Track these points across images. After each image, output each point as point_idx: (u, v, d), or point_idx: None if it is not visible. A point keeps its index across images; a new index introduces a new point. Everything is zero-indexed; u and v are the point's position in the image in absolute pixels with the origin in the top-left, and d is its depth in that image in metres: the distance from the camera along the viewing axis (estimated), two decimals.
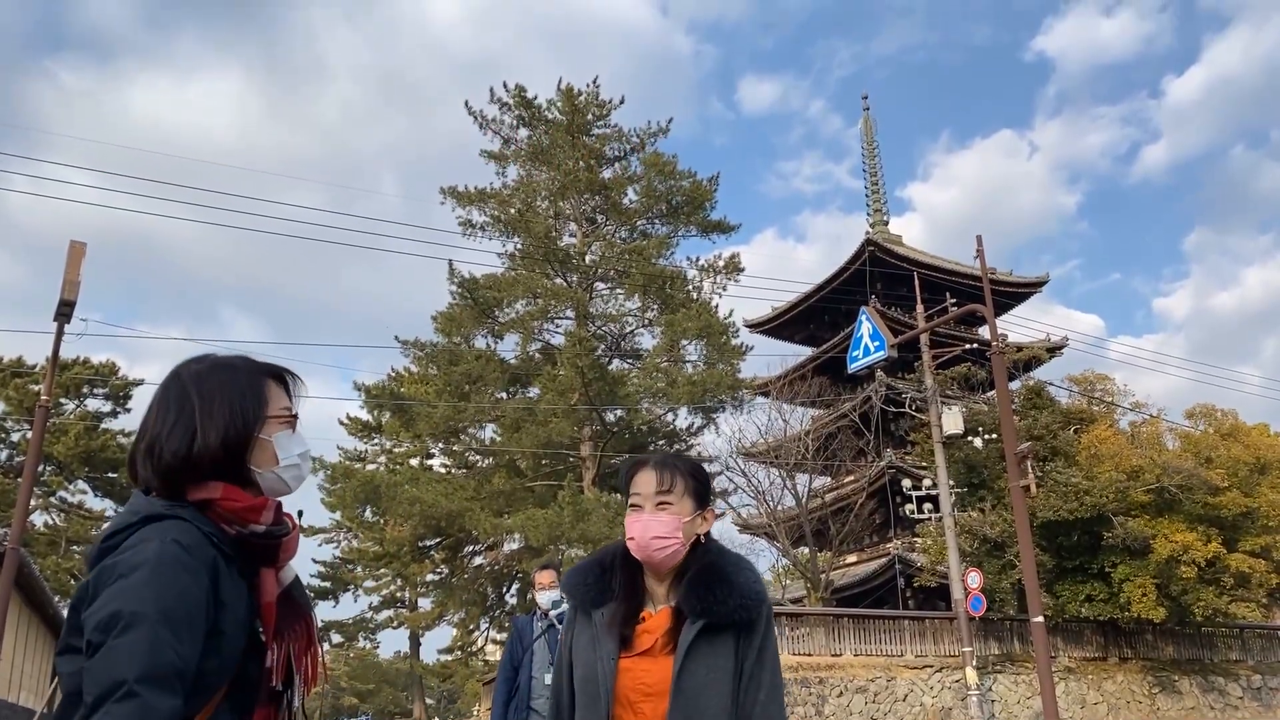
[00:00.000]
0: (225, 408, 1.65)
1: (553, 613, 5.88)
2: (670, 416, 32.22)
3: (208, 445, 1.62)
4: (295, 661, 1.68)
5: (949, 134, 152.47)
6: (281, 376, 1.78)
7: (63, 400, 32.62)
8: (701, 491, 2.23)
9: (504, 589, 35.10)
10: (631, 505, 2.19)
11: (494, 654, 39.49)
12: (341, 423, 44.21)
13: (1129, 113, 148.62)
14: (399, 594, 42.63)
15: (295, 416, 1.76)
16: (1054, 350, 38.67)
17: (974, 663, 22.53)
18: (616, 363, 32.59)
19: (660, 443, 32.65)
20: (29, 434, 26.76)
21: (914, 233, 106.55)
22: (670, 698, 2.01)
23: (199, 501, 1.60)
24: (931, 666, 24.48)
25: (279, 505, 1.69)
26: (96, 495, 35.46)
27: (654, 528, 2.14)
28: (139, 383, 36.72)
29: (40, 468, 30.45)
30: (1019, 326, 46.59)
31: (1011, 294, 41.06)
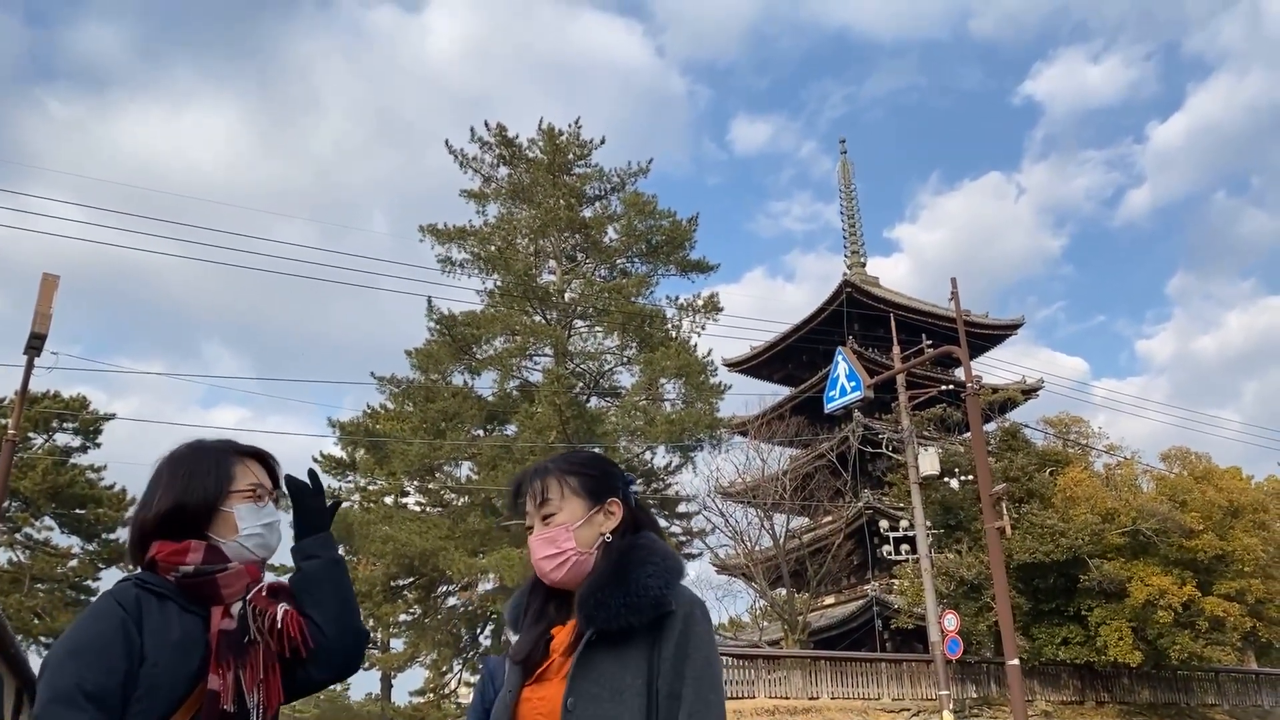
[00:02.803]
0: (181, 482, 1.92)
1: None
2: (648, 455, 32.12)
3: (153, 513, 1.90)
4: (246, 688, 1.83)
5: (938, 176, 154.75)
6: (259, 456, 2.03)
7: (31, 435, 32.11)
8: (593, 485, 1.90)
9: (478, 630, 34.61)
10: (527, 528, 1.93)
11: (467, 696, 38.85)
12: (315, 460, 43.75)
13: (1114, 157, 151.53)
14: (371, 635, 42.07)
15: (269, 491, 2.00)
16: (1029, 392, 38.96)
17: (951, 706, 22.37)
18: (595, 401, 32.51)
19: (638, 481, 32.49)
20: None
21: (900, 273, 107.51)
22: None
23: (149, 561, 1.89)
24: (909, 710, 24.30)
25: (206, 548, 1.89)
26: (63, 532, 34.77)
27: (540, 547, 1.86)
28: (110, 417, 36.25)
29: (5, 503, 29.88)
30: (996, 368, 46.96)
31: (988, 336, 41.44)
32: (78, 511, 33.61)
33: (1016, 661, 17.75)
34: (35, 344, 14.00)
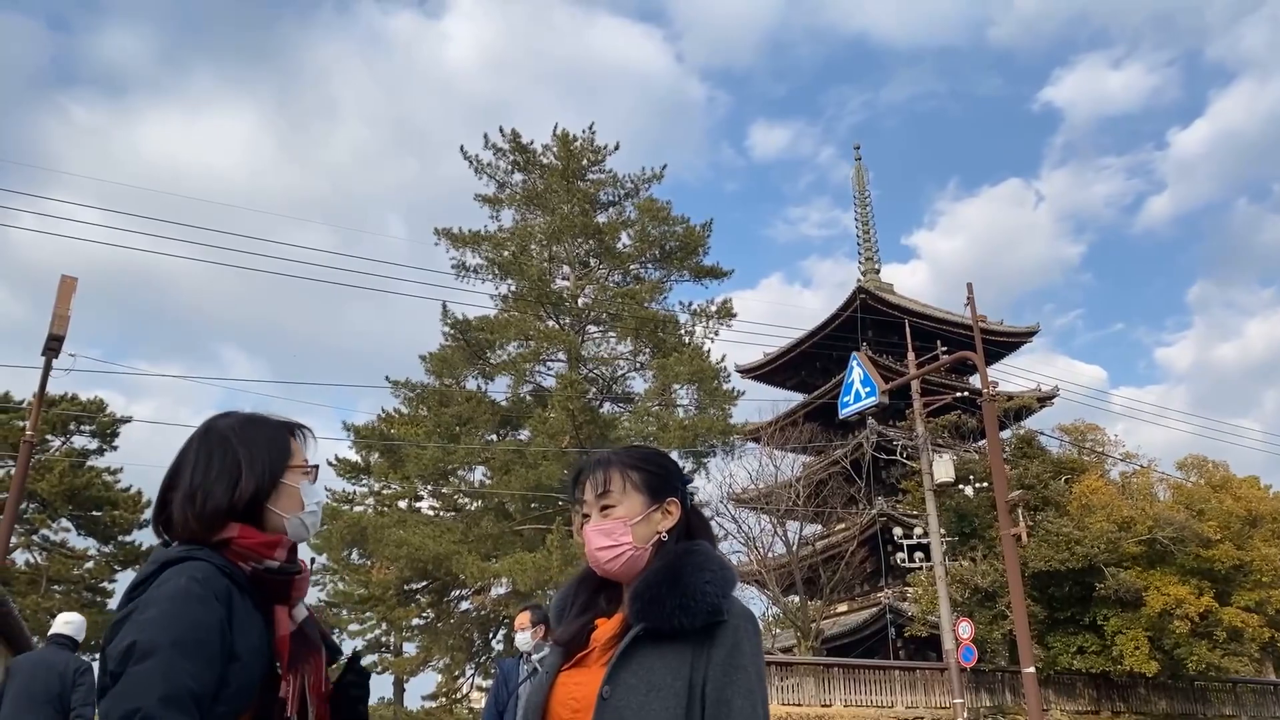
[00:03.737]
0: (263, 457, 1.83)
1: (535, 656, 5.77)
2: None
3: (244, 492, 1.78)
4: (311, 694, 1.76)
5: (956, 182, 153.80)
6: (299, 431, 1.95)
7: (49, 437, 32.34)
8: (655, 483, 1.91)
9: (490, 634, 34.62)
10: (582, 515, 1.94)
11: (479, 701, 38.85)
12: (330, 464, 43.89)
13: (1134, 164, 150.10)
14: (384, 638, 42.03)
15: (316, 468, 1.94)
16: (1045, 400, 38.74)
17: (965, 714, 22.25)
18: (608, 406, 32.53)
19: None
20: (13, 470, 26.52)
21: (918, 280, 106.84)
22: (593, 713, 1.71)
23: (217, 542, 1.74)
24: (923, 718, 24.16)
25: (293, 545, 1.83)
26: (80, 534, 34.97)
27: (596, 538, 1.87)
28: (126, 420, 36.48)
29: (23, 505, 30.10)
30: (1011, 376, 46.81)
31: (1003, 343, 41.27)
32: (94, 513, 33.81)
33: (1033, 670, 17.62)
34: (53, 346, 14.11)
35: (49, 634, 7.33)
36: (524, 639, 5.80)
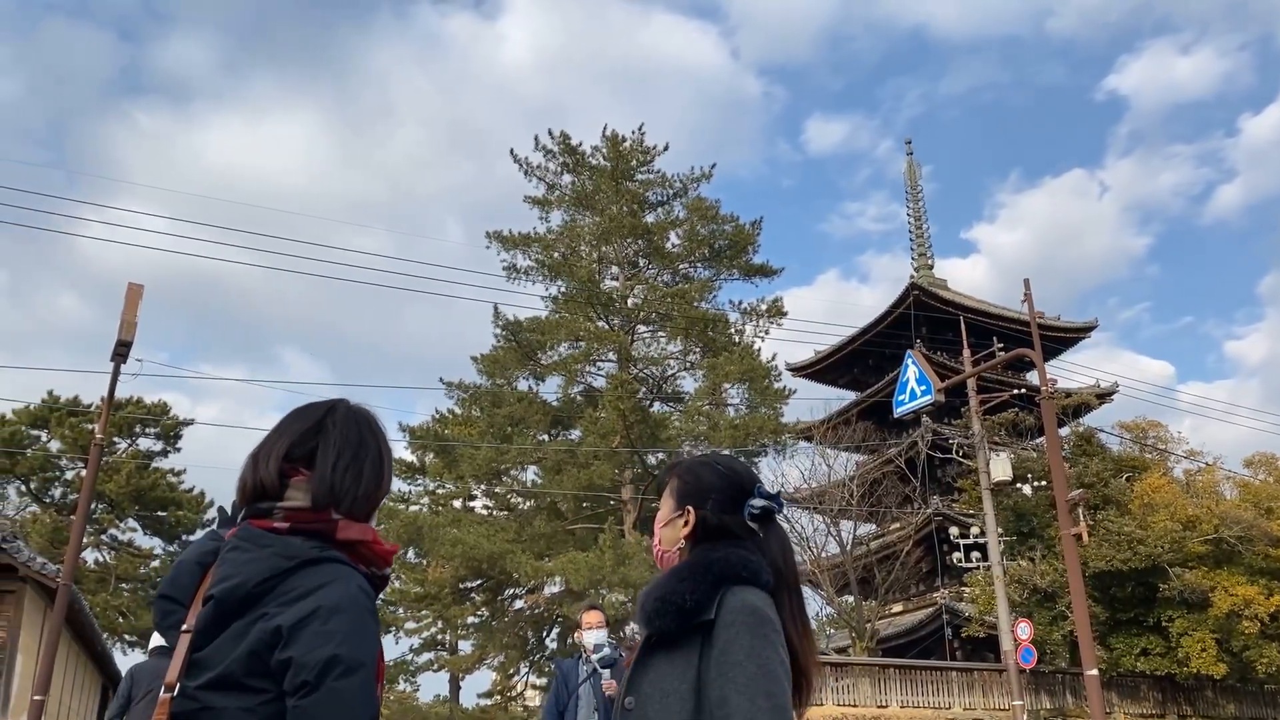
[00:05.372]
0: (390, 458, 1.83)
1: (594, 656, 5.78)
2: None
3: (382, 493, 1.77)
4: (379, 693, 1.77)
5: (1017, 174, 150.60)
6: None
7: (115, 439, 33.29)
8: (684, 490, 1.96)
9: (544, 633, 34.86)
10: None
11: (533, 699, 39.12)
12: None
13: (1204, 152, 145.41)
14: (440, 636, 42.52)
15: None
16: (1104, 396, 37.94)
17: (1025, 717, 21.87)
18: (658, 406, 32.56)
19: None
20: (83, 472, 27.33)
21: (977, 274, 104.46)
22: None
23: (345, 542, 1.67)
24: None
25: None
26: (145, 533, 35.99)
27: (654, 538, 2.00)
28: (189, 423, 37.41)
29: (93, 506, 31.03)
30: (1069, 372, 45.91)
31: (1060, 339, 40.50)
32: (159, 514, 34.74)
33: (1095, 672, 17.26)
34: (122, 351, 14.53)
35: (152, 646, 7.87)
36: (599, 637, 5.79)
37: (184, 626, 1.68)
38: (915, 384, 20.03)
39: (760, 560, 1.86)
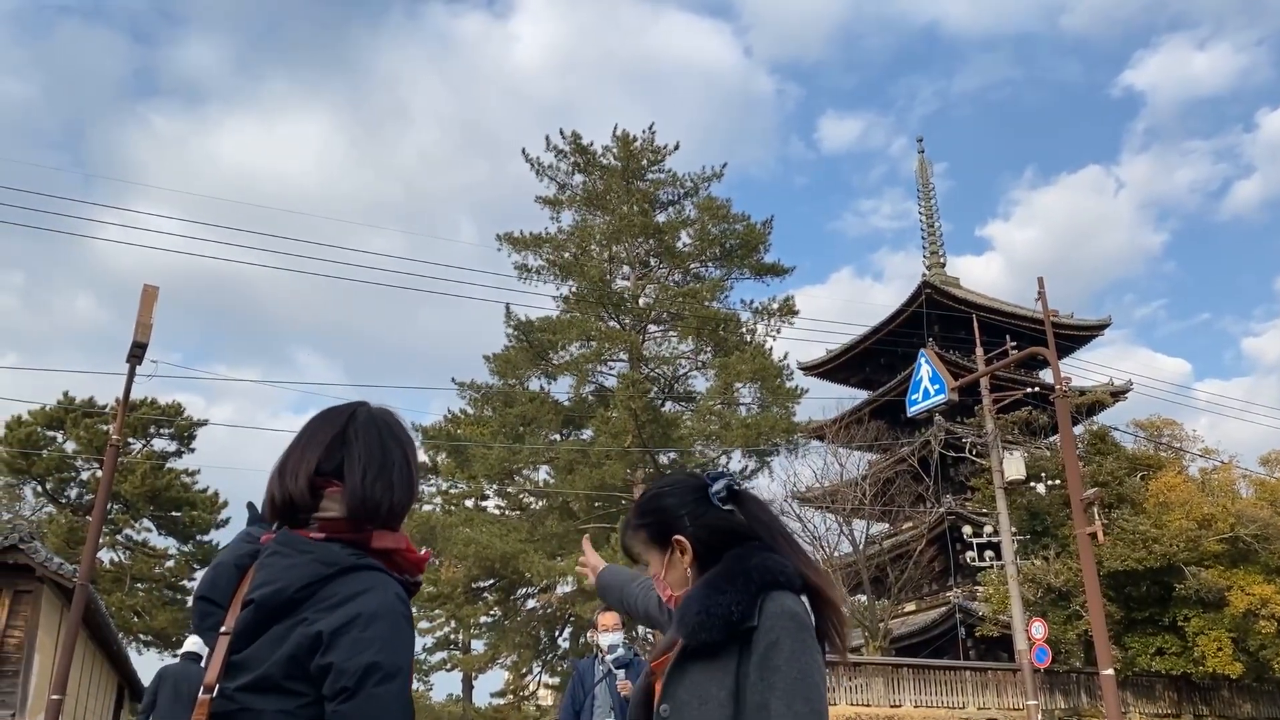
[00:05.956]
0: (417, 467, 1.84)
1: (609, 657, 5.78)
2: (724, 460, 32.03)
3: (413, 497, 1.79)
4: None
5: (1032, 171, 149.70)
6: None
7: (130, 440, 33.48)
8: (656, 532, 1.96)
9: (556, 633, 34.91)
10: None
11: (546, 699, 39.18)
12: None
13: (1221, 147, 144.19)
14: (453, 636, 42.65)
15: None
16: (1118, 394, 37.74)
17: (1040, 716, 21.79)
18: (670, 405, 32.55)
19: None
20: (98, 473, 27.49)
21: (992, 272, 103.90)
22: None
23: (380, 550, 1.70)
24: (995, 719, 23.74)
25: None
26: (160, 534, 36.20)
27: (662, 590, 1.99)
28: (202, 423, 37.60)
29: (108, 506, 31.20)
30: (1083, 370, 45.67)
31: (1074, 337, 40.31)
32: (174, 514, 34.94)
33: (1111, 671, 17.19)
34: (137, 352, 14.63)
35: (183, 651, 8.04)
36: (615, 639, 5.79)
37: (222, 629, 1.70)
38: (929, 383, 19.98)
39: (789, 563, 1.86)
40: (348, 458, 1.76)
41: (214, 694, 1.63)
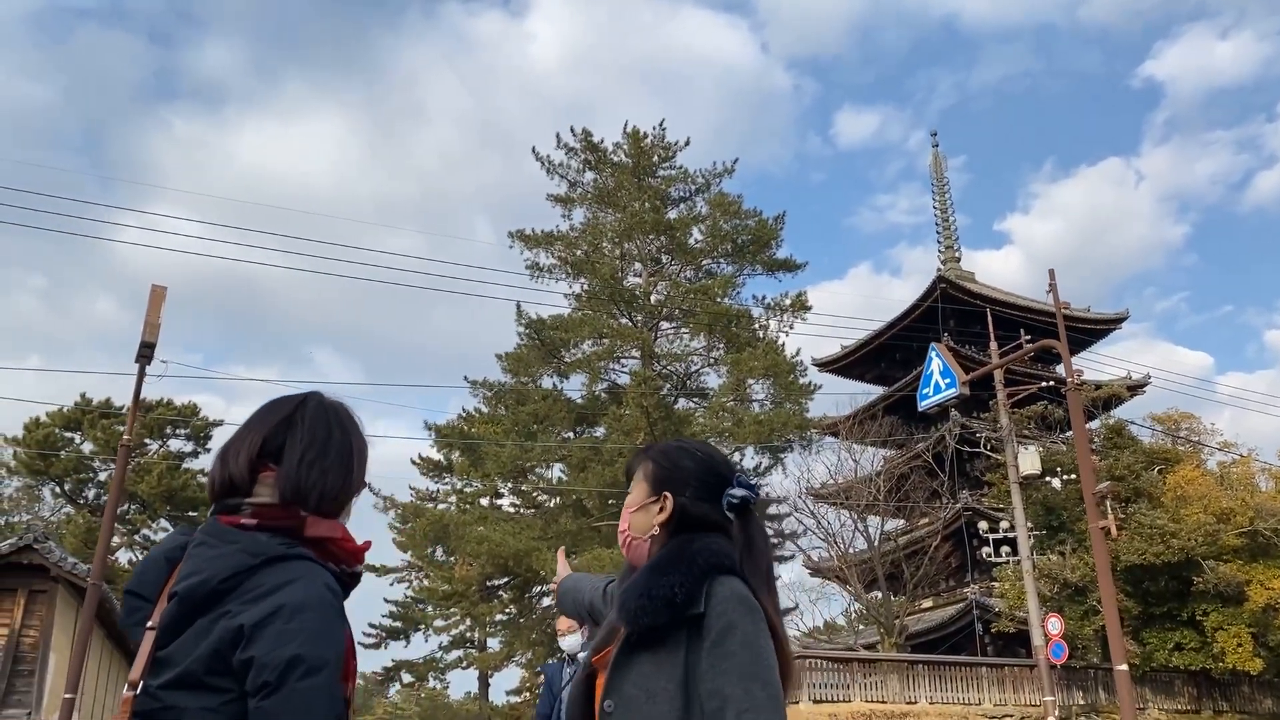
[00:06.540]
0: (363, 455, 1.78)
1: (579, 656, 5.76)
2: (737, 456, 31.93)
3: (352, 489, 1.73)
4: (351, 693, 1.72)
5: (1051, 164, 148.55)
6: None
7: (147, 441, 33.75)
8: (661, 475, 1.90)
9: None
10: None
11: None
12: (414, 462, 44.82)
13: (1243, 138, 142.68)
14: (468, 634, 42.77)
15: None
16: (1135, 388, 37.37)
17: (1057, 713, 21.60)
18: (682, 402, 32.50)
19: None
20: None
21: (1011, 266, 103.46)
22: None
23: (313, 539, 1.64)
24: (1011, 716, 23.59)
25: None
26: None
27: (621, 522, 1.94)
28: (218, 423, 37.82)
29: (125, 506, 31.47)
30: (1101, 364, 45.26)
31: (1090, 330, 39.95)
32: (190, 514, 35.17)
33: (1125, 667, 17.01)
34: (146, 353, 14.69)
35: None
36: (574, 642, 5.77)
37: (149, 624, 1.65)
38: (939, 377, 19.83)
39: (735, 551, 1.81)
40: (289, 441, 1.72)
41: (138, 691, 1.60)
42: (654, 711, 1.65)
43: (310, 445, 1.72)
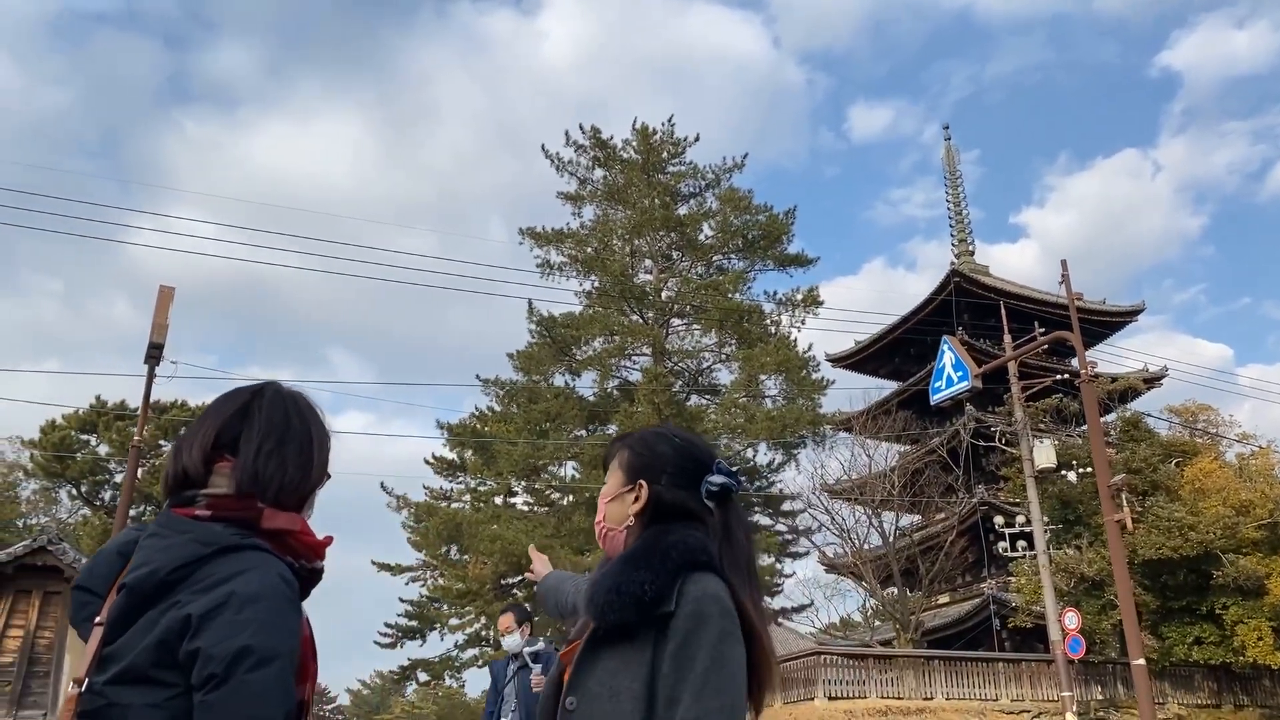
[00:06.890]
0: (326, 447, 1.73)
1: (526, 650, 5.78)
2: (750, 453, 31.82)
3: (312, 481, 1.69)
4: (309, 699, 1.66)
5: (1067, 156, 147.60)
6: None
7: (162, 442, 33.88)
8: (637, 463, 1.83)
9: None
10: None
11: None
12: (427, 462, 44.88)
13: (1260, 128, 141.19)
14: (483, 632, 42.81)
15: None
16: (1152, 381, 37.05)
17: (1075, 708, 21.41)
18: (694, 399, 32.39)
19: (740, 479, 32.29)
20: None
21: (1026, 260, 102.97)
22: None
23: (270, 531, 1.59)
24: (1029, 711, 23.41)
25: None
26: None
27: (597, 513, 1.89)
28: None
29: (140, 508, 31.61)
30: (1117, 357, 44.91)
31: (1105, 323, 39.66)
32: None
33: (1142, 661, 16.84)
34: (154, 354, 14.73)
35: None
36: (513, 641, 5.81)
37: (98, 619, 1.59)
38: (952, 370, 19.68)
39: (714, 544, 1.73)
40: (245, 431, 1.67)
41: (84, 689, 1.53)
42: (616, 710, 1.58)
43: (268, 435, 1.67)
